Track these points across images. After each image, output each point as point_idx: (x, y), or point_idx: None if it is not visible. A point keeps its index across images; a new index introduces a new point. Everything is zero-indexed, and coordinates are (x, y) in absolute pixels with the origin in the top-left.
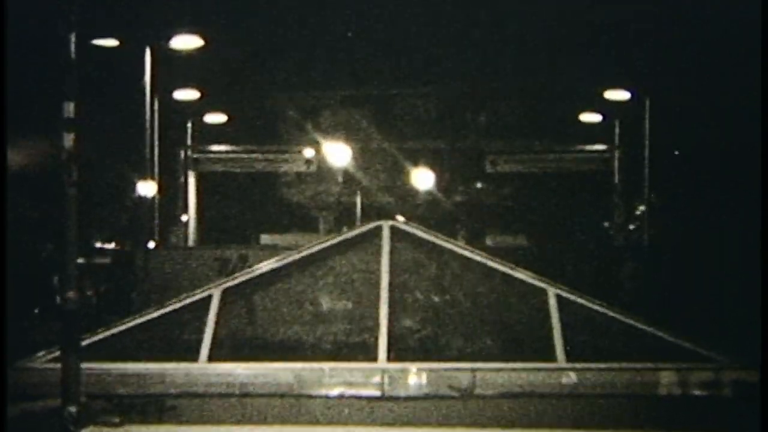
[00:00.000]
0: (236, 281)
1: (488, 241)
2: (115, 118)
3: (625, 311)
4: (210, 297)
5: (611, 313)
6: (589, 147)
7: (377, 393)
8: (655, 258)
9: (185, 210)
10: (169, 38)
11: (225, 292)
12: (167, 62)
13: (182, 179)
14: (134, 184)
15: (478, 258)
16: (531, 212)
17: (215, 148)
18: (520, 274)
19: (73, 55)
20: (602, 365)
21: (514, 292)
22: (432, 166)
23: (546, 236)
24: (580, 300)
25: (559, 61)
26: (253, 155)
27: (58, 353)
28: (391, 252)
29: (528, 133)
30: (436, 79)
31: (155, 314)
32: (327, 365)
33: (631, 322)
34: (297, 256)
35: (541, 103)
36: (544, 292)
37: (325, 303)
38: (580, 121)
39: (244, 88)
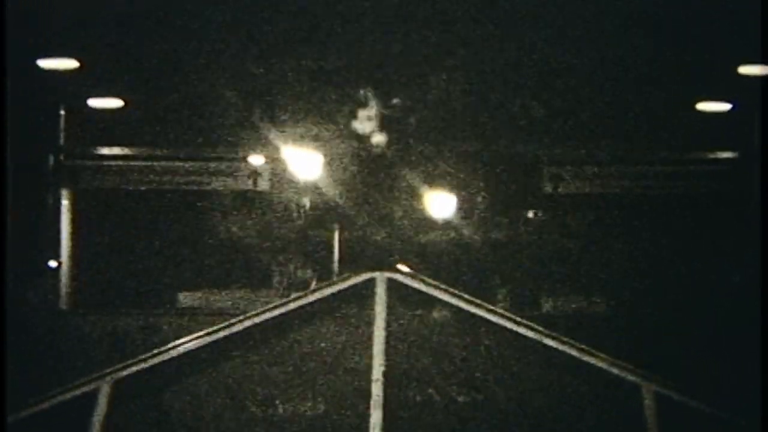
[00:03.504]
0: (136, 368)
1: (546, 306)
2: None
3: None
4: (95, 392)
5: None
6: (710, 153)
7: None
8: None
9: (54, 250)
10: None
11: (117, 386)
12: (25, 10)
13: (50, 200)
14: None
15: (529, 333)
16: (614, 259)
17: (105, 151)
18: (597, 360)
19: None
20: None
21: (585, 387)
22: (455, 183)
23: (638, 300)
24: (688, 401)
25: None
26: (168, 164)
27: None
28: (388, 321)
29: (610, 133)
30: (462, 45)
31: (13, 420)
32: None
33: None
34: (236, 328)
35: (634, 84)
36: (636, 387)
37: (283, 406)
38: (695, 113)
39: (151, 54)
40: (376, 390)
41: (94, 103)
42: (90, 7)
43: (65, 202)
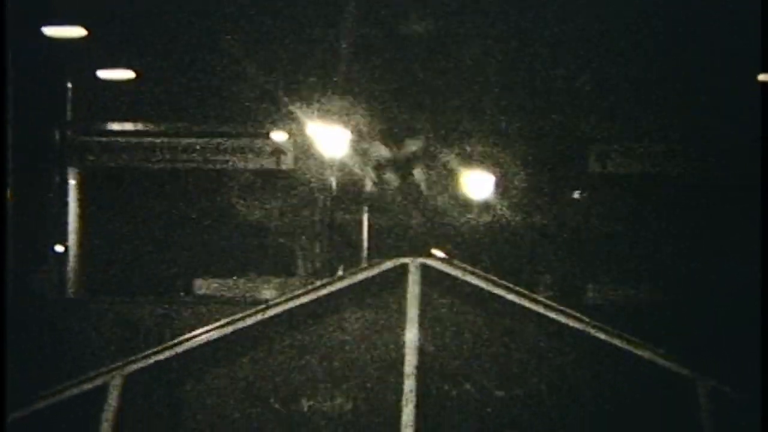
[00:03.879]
0: (149, 361)
1: (591, 294)
2: None
3: None
4: (105, 388)
5: None
6: None
7: None
8: None
9: (60, 234)
10: None
11: (130, 380)
12: None
13: (56, 180)
14: None
15: (574, 324)
16: (667, 245)
17: (115, 127)
18: (648, 353)
19: None
20: None
21: (634, 381)
22: (493, 162)
23: (690, 288)
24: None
25: None
26: (183, 141)
27: None
28: (422, 311)
29: (665, 106)
30: (501, 16)
31: (19, 415)
32: None
33: None
34: (257, 318)
35: (693, 48)
36: (690, 383)
37: (308, 402)
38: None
39: (165, 22)
40: (409, 385)
41: (104, 74)
42: None
43: (72, 182)
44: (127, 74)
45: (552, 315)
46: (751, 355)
